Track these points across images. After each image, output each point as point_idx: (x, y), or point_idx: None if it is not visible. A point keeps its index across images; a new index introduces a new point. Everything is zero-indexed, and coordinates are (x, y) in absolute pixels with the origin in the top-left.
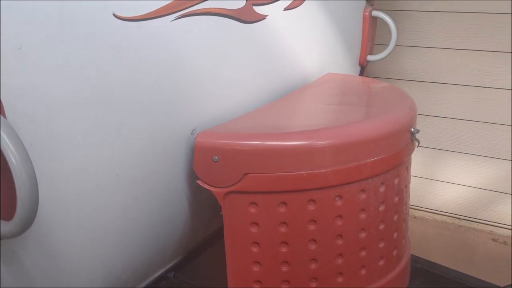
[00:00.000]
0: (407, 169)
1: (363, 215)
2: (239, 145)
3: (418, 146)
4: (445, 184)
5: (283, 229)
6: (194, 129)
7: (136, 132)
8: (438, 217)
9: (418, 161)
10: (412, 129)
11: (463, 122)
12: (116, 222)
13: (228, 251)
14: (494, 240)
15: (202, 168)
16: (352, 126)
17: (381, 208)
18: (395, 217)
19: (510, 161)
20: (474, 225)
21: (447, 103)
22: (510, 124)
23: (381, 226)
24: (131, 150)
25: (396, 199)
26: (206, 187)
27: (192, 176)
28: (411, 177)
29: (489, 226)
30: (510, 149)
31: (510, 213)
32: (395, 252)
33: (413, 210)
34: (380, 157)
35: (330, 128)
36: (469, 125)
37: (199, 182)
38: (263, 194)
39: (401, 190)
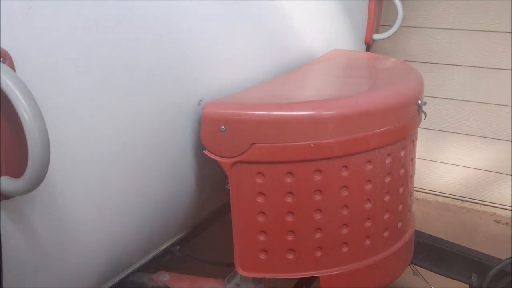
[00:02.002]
0: (413, 142)
1: (368, 186)
2: (246, 115)
3: (425, 118)
4: (448, 166)
5: (289, 199)
6: (200, 100)
7: (143, 99)
8: (440, 199)
9: (420, 143)
10: (419, 101)
11: (465, 103)
12: (124, 190)
13: (235, 220)
14: (496, 221)
15: (209, 138)
16: (360, 97)
17: (387, 179)
18: (401, 190)
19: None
20: (477, 206)
21: (450, 84)
22: (511, 105)
23: (387, 198)
24: (139, 117)
25: (402, 171)
26: (213, 157)
27: (199, 148)
28: None
29: (491, 207)
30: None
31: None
32: (399, 225)
33: (415, 192)
34: (387, 128)
35: (337, 98)
36: (472, 106)
37: (206, 152)
38: (270, 164)
39: (407, 163)
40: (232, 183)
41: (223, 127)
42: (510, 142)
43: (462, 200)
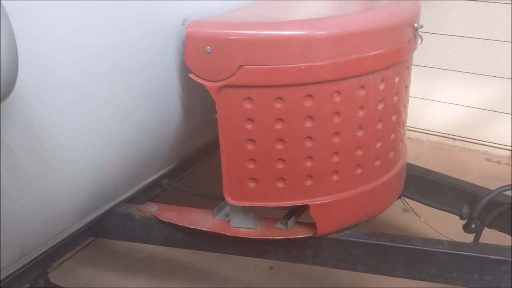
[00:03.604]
0: (408, 68)
1: (361, 113)
2: (234, 34)
3: (421, 43)
4: (442, 104)
5: (279, 126)
6: (185, 20)
7: (124, 17)
8: (432, 138)
9: (415, 81)
10: (416, 24)
11: (462, 40)
12: (105, 112)
13: (223, 148)
14: (488, 159)
15: (194, 60)
16: (353, 17)
17: (380, 106)
18: (394, 118)
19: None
20: (469, 145)
21: (449, 20)
22: (511, 41)
23: (379, 126)
24: (118, 34)
25: (396, 99)
26: (199, 81)
27: (185, 72)
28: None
29: (483, 146)
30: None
31: (508, 133)
32: (391, 154)
33: (408, 131)
34: (381, 51)
35: (330, 17)
36: (469, 42)
37: (191, 75)
38: (259, 88)
39: (401, 90)
40: (220, 109)
41: (209, 47)
42: (504, 79)
43: (454, 139)
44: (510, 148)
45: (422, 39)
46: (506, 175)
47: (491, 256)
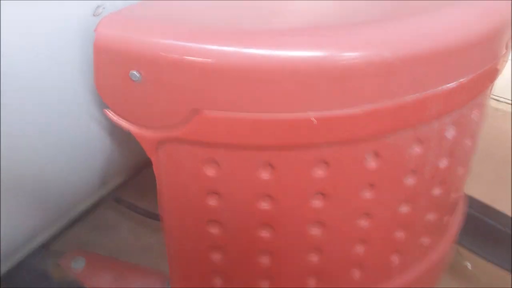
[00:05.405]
0: (491, 90)
1: (410, 181)
2: (186, 50)
3: None
4: None
5: (265, 205)
6: (99, 6)
7: None
8: None
9: None
10: None
11: None
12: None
13: (168, 227)
14: None
15: (110, 89)
16: (411, 21)
17: (442, 164)
18: (460, 171)
19: None
20: None
21: None
22: None
23: (436, 192)
24: None
25: (469, 143)
26: (123, 125)
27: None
28: None
29: None
30: None
31: None
32: (445, 219)
33: None
34: (461, 80)
35: (362, 25)
36: None
37: (108, 112)
38: (231, 149)
39: (478, 127)
40: (160, 178)
41: (136, 74)
42: None
43: (498, 101)
44: None
45: None
46: None
47: None
